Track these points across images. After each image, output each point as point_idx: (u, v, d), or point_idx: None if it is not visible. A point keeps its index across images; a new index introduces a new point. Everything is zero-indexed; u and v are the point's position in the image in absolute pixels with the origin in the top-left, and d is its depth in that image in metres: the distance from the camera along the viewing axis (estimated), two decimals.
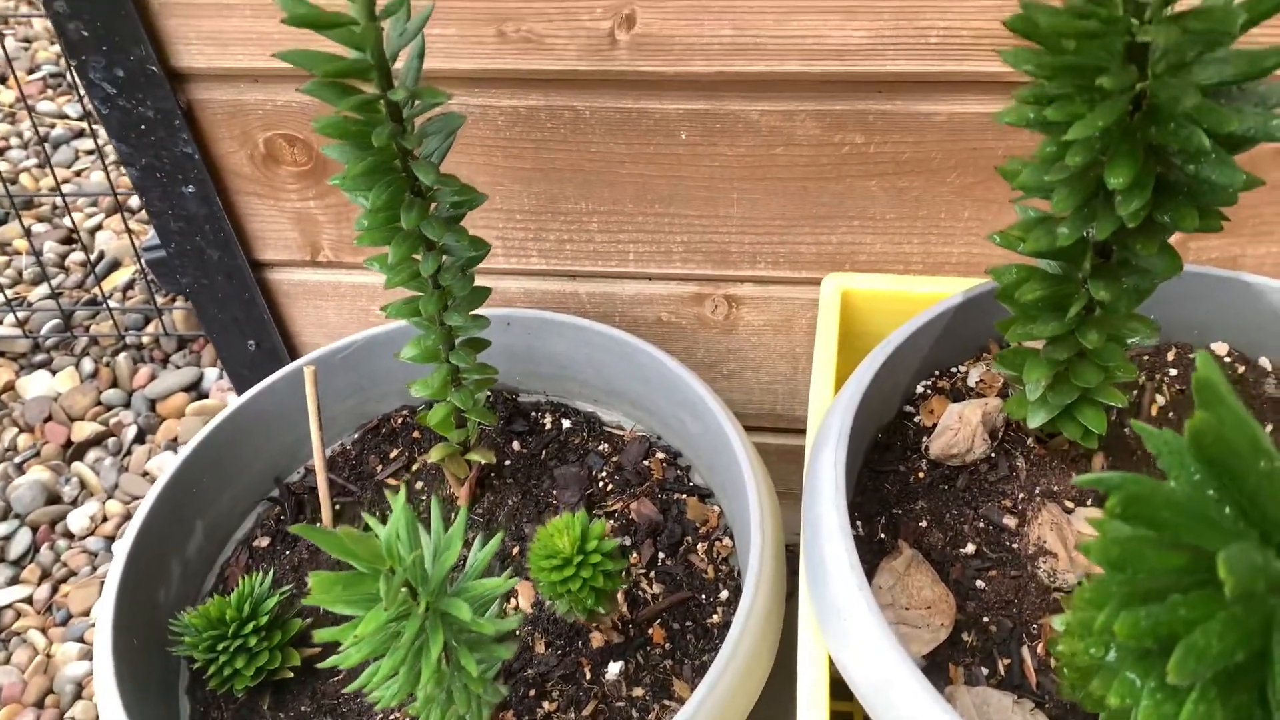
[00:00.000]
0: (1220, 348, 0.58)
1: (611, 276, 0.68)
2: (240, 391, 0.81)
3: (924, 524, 0.51)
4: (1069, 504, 0.51)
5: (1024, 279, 0.45)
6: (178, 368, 1.08)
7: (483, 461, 0.61)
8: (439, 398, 0.58)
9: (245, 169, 0.65)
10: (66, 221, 1.30)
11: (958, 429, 0.54)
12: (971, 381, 0.58)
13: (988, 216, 0.61)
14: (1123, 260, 0.42)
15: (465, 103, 0.60)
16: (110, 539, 0.96)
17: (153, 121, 0.63)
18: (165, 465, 0.91)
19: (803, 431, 0.74)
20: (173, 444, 1.01)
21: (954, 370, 0.59)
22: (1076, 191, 0.37)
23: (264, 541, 0.63)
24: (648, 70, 0.57)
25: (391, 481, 0.65)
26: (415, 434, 0.68)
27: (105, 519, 0.97)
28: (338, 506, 0.64)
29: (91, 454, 1.02)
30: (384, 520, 0.64)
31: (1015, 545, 0.50)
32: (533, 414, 0.68)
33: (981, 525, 0.51)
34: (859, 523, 0.51)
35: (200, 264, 0.71)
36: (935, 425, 0.56)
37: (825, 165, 0.60)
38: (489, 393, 0.68)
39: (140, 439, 1.03)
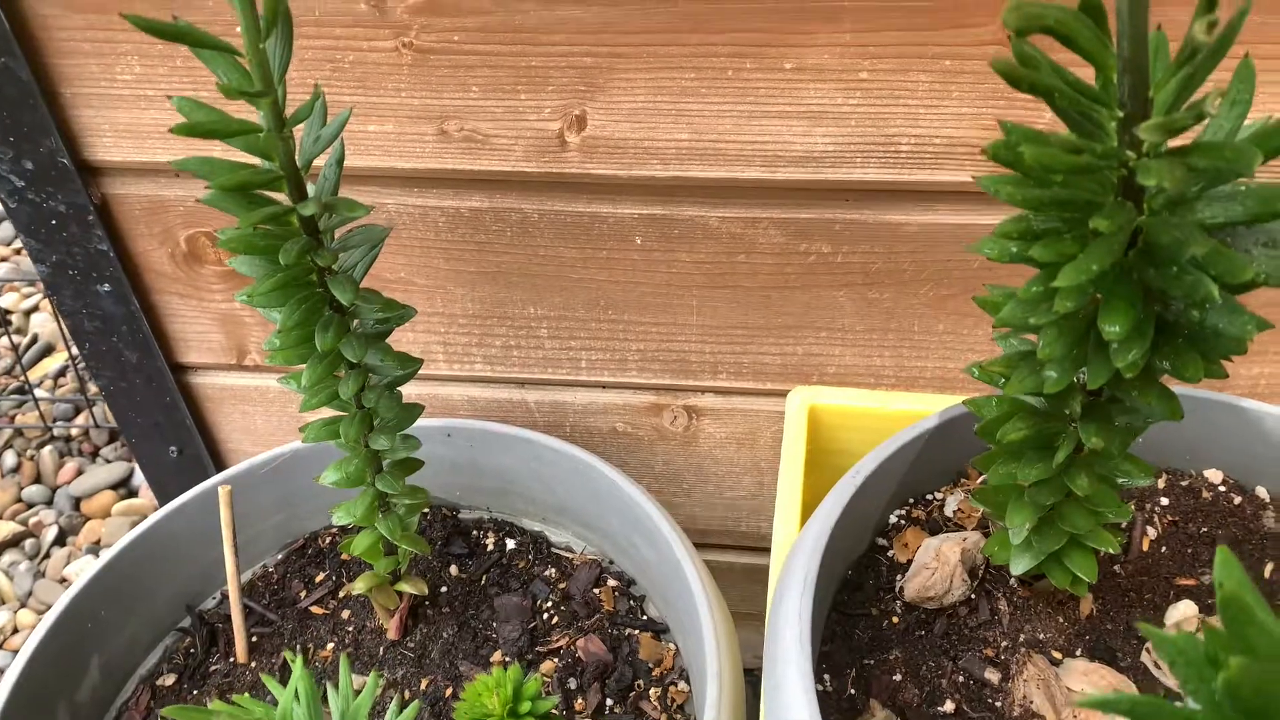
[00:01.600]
0: (1214, 475, 0.54)
1: (562, 384, 0.63)
2: (161, 499, 0.74)
3: (898, 677, 0.46)
4: (1056, 654, 0.46)
5: (1006, 416, 0.40)
6: (107, 462, 1.01)
7: (414, 592, 0.55)
8: (365, 524, 0.53)
9: (166, 267, 0.60)
10: (3, 302, 1.24)
11: (934, 568, 0.49)
12: (949, 510, 0.53)
13: (964, 331, 0.57)
14: (1115, 399, 0.38)
15: (404, 202, 0.56)
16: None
17: (64, 216, 0.58)
18: (63, 593, 0.84)
19: (768, 550, 0.69)
20: (95, 547, 0.94)
21: (930, 497, 0.54)
22: (1066, 334, 0.33)
23: (169, 680, 0.57)
24: (600, 173, 0.53)
25: (316, 610, 0.59)
26: (345, 555, 0.62)
27: (16, 630, 0.89)
28: (255, 638, 0.58)
29: (7, 556, 0.94)
30: (307, 656, 0.57)
31: (999, 704, 0.45)
32: (474, 533, 0.63)
33: (961, 679, 0.46)
34: (827, 676, 0.46)
35: (117, 366, 0.65)
36: (910, 561, 0.51)
37: (790, 274, 0.56)
38: (426, 509, 0.62)
39: (61, 540, 0.95)
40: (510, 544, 0.62)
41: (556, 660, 0.55)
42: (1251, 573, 0.52)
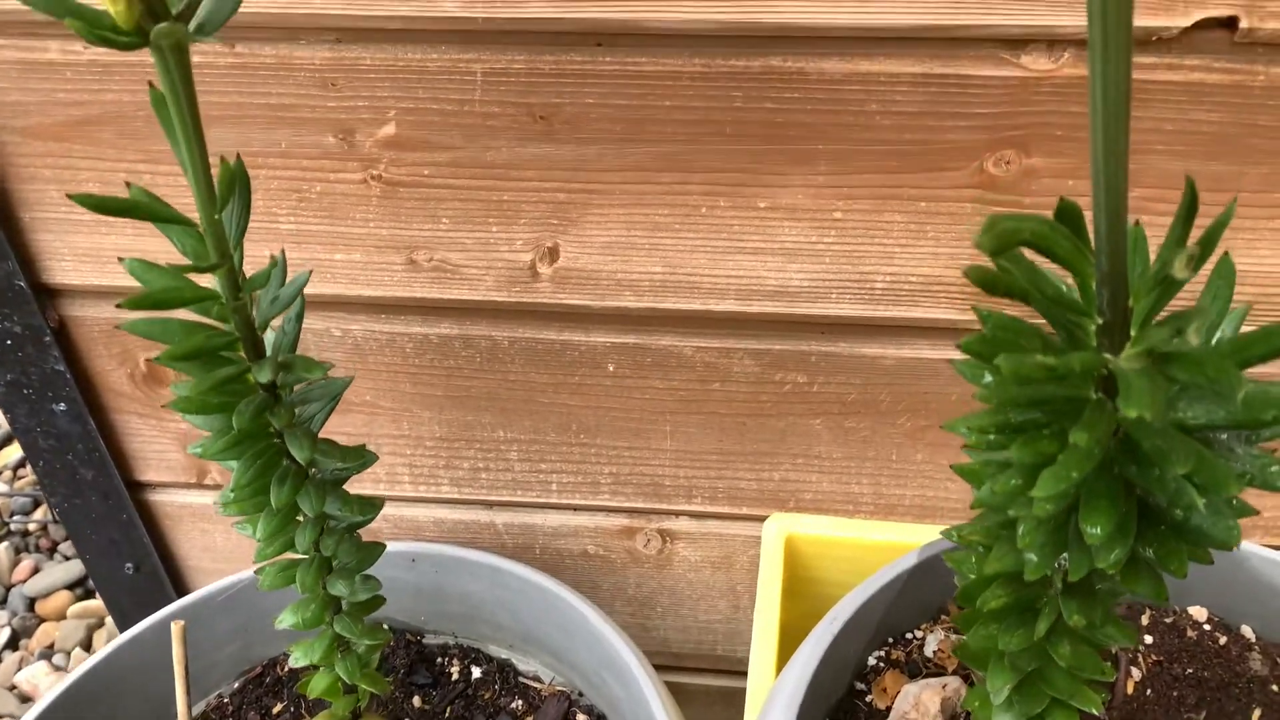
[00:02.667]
0: (1199, 612, 0.53)
1: (532, 507, 0.62)
2: (116, 616, 0.72)
3: None
4: None
5: (986, 582, 0.39)
6: (65, 559, 0.98)
7: None
8: (324, 664, 0.50)
9: (125, 388, 0.59)
10: None
11: (914, 719, 0.47)
12: (929, 650, 0.52)
13: (943, 460, 0.56)
14: (1100, 578, 0.36)
15: (370, 329, 0.54)
16: None
17: (19, 337, 0.56)
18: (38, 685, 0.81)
19: (743, 673, 0.67)
20: (49, 651, 0.90)
21: (909, 636, 0.53)
22: (1046, 526, 0.31)
23: None
24: (572, 304, 0.52)
25: None
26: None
27: None
28: None
29: None
30: None
31: None
32: (439, 660, 0.60)
33: None
34: None
35: (72, 483, 0.63)
36: (889, 708, 0.49)
37: (765, 403, 0.55)
38: (390, 634, 0.60)
39: (13, 644, 0.92)
40: (476, 672, 0.59)
41: None
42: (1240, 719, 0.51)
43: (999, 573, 0.38)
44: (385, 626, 0.57)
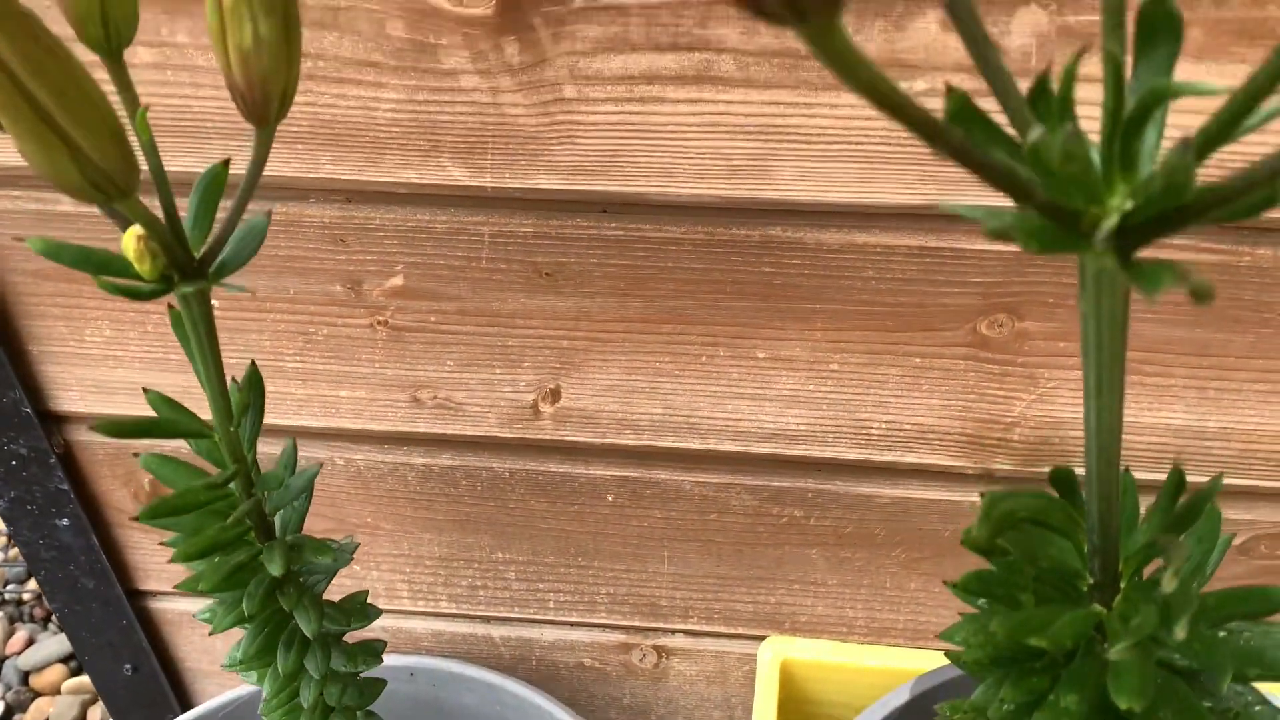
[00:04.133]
0: None
1: (529, 623, 0.62)
2: (114, 713, 0.72)
3: None
4: None
5: None
6: (60, 630, 0.98)
7: None
8: None
9: (128, 505, 0.59)
10: None
11: None
12: None
13: (935, 589, 0.57)
14: None
15: (373, 458, 0.55)
16: None
17: (25, 459, 0.57)
18: None
19: None
20: None
21: None
22: None
23: None
24: (573, 440, 0.53)
25: None
26: None
27: None
28: None
29: None
30: None
31: None
32: None
33: None
34: None
35: (73, 591, 0.64)
36: None
37: (762, 533, 0.56)
38: None
39: (7, 717, 0.92)
40: None
41: None
42: None
43: None
44: None
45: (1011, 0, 0.38)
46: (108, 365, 0.53)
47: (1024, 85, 0.39)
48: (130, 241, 0.26)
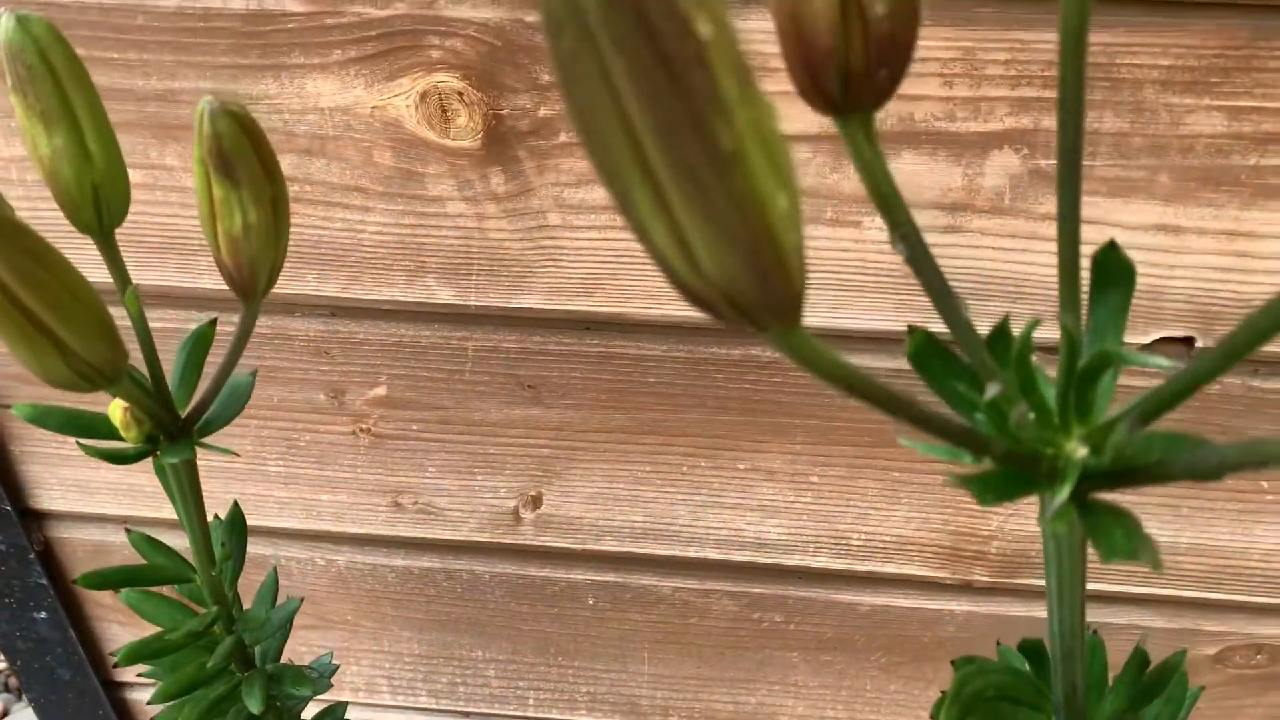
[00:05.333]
0: None
1: (509, 718, 0.62)
2: None
3: None
4: None
5: None
6: None
7: None
8: None
9: (107, 599, 0.59)
10: None
11: None
12: None
13: (916, 691, 0.57)
14: None
15: (354, 559, 0.55)
16: None
17: (3, 554, 0.56)
18: None
19: None
20: None
21: None
22: None
23: None
24: (553, 546, 0.53)
25: None
26: None
27: None
28: None
29: None
30: None
31: None
32: None
33: None
34: None
35: (49, 681, 0.63)
36: None
37: (743, 636, 0.56)
38: None
39: None
40: None
41: None
42: None
43: None
44: None
45: (985, 144, 0.39)
46: (90, 466, 0.53)
47: (995, 221, 0.40)
48: (116, 412, 0.27)
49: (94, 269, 0.25)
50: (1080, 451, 0.18)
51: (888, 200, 0.18)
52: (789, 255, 0.13)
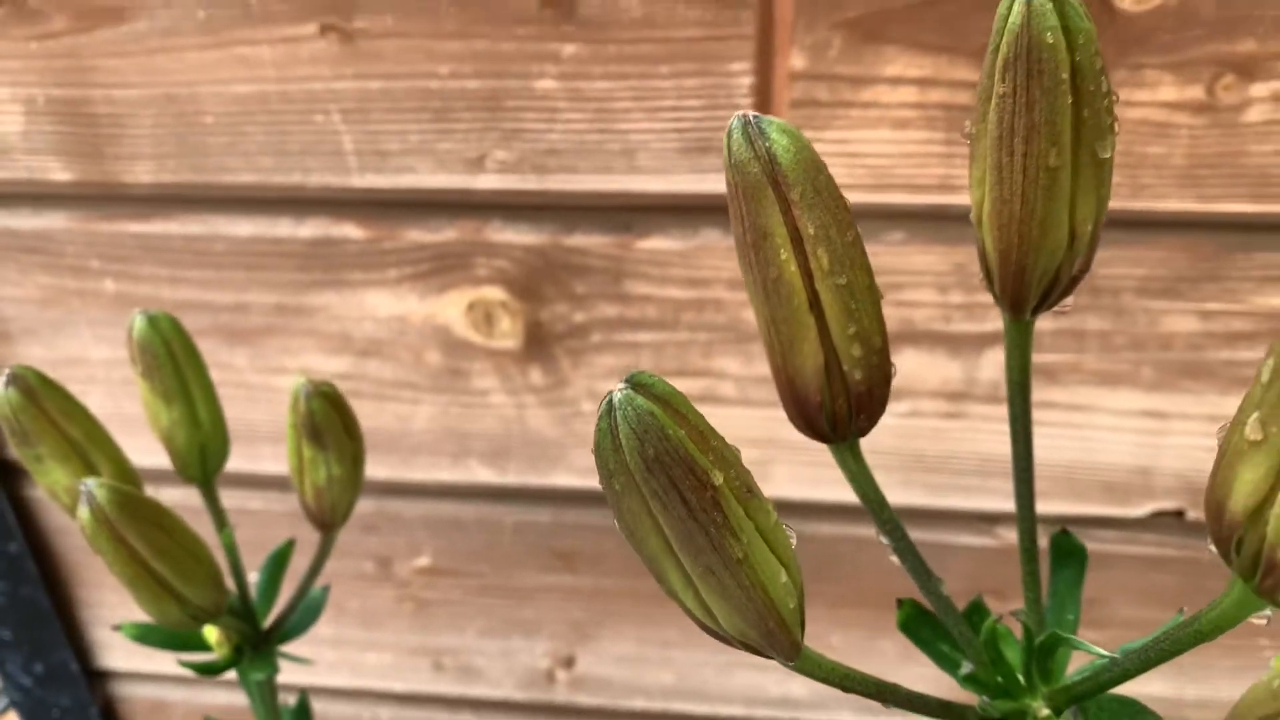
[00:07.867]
0: None
1: None
2: None
3: None
4: None
5: None
6: None
7: None
8: None
9: None
10: None
11: None
12: None
13: None
14: None
15: (397, 715, 0.58)
16: None
17: (66, 710, 0.59)
18: None
19: None
20: None
21: None
22: None
23: None
24: (586, 704, 0.55)
25: None
26: None
27: None
28: None
29: None
30: None
31: None
32: None
33: None
34: None
35: None
36: None
37: None
38: None
39: None
40: None
41: None
42: None
43: None
44: None
45: (980, 344, 0.43)
46: None
47: (993, 408, 0.43)
48: (212, 634, 0.30)
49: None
50: (1044, 711, 0.21)
51: (874, 504, 0.21)
52: (789, 617, 0.17)
